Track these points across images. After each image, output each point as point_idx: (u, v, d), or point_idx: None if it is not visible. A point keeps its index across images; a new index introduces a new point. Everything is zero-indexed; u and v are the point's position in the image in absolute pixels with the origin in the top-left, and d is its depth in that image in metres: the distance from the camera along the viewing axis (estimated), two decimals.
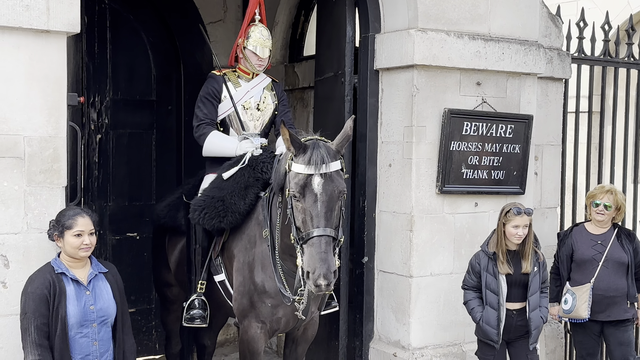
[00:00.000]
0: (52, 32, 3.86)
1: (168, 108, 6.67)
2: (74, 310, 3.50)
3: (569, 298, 5.04)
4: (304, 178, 3.68)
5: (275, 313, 4.25)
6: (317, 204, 3.63)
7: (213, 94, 4.74)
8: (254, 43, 4.76)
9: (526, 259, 4.55)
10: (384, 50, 5.12)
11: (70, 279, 3.55)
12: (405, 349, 5.07)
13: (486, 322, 4.55)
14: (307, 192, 3.66)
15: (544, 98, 5.79)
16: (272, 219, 4.22)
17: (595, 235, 5.10)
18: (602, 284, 4.96)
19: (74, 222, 3.58)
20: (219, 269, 4.55)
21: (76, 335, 3.51)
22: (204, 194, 4.53)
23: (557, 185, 6.03)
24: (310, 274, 3.55)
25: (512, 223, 4.51)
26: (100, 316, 3.58)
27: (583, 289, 4.98)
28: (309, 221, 3.62)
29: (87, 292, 3.57)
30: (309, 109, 6.69)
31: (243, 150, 4.62)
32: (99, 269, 3.69)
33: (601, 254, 5.01)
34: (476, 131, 5.10)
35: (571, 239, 5.15)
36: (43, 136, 3.86)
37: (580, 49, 6.23)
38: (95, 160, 6.37)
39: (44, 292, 3.46)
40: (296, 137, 3.79)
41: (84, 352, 3.53)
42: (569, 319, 5.15)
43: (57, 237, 3.61)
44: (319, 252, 3.54)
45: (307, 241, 3.59)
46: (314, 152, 3.70)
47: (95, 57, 6.27)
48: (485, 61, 5.11)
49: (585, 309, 4.95)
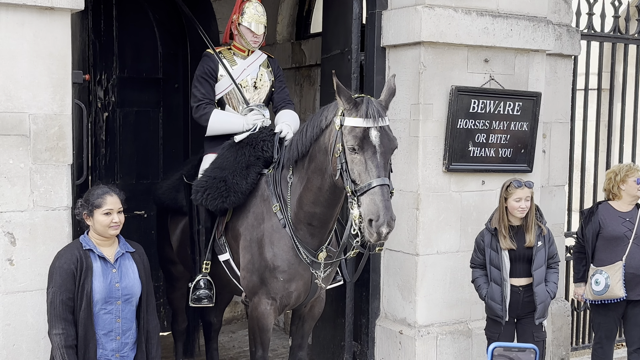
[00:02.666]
0: (56, 9, 3.84)
1: (175, 86, 6.66)
2: (99, 286, 3.54)
3: (600, 278, 4.92)
4: (362, 131, 3.70)
5: (287, 288, 4.27)
6: (377, 156, 3.68)
7: (209, 73, 4.70)
8: (248, 19, 4.71)
9: (529, 232, 4.54)
10: (391, 27, 5.07)
11: (98, 256, 3.59)
12: (411, 326, 5.08)
13: (491, 298, 4.56)
14: (365, 144, 3.68)
15: (552, 75, 5.73)
16: (282, 193, 4.23)
17: (624, 213, 5.01)
18: (633, 261, 4.86)
19: (103, 201, 3.61)
20: (223, 249, 4.56)
21: (100, 311, 3.55)
22: (205, 174, 4.52)
23: (565, 163, 5.99)
24: (373, 222, 3.57)
25: (514, 196, 4.50)
26: (125, 294, 3.62)
27: (615, 267, 4.87)
28: (368, 172, 3.65)
29: (113, 270, 3.61)
30: (315, 87, 6.66)
31: (251, 122, 4.61)
32: (127, 248, 3.73)
33: (631, 231, 4.92)
34: (484, 109, 5.06)
35: (598, 216, 5.04)
36: (48, 114, 3.87)
37: (590, 25, 6.17)
38: (102, 138, 6.38)
39: (70, 267, 3.49)
40: (347, 91, 3.81)
41: (107, 328, 3.58)
42: (599, 300, 5.00)
43: (86, 216, 3.63)
44: (383, 200, 3.58)
45: (367, 191, 3.62)
46: (369, 106, 3.73)
47: (101, 34, 6.25)
48: (493, 38, 5.06)
49: (620, 288, 4.84)
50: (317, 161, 4.02)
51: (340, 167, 3.75)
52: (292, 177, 4.22)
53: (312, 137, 4.04)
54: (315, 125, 4.03)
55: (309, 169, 4.09)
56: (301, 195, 4.15)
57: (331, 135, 3.89)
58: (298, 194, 4.18)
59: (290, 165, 4.25)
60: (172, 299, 5.57)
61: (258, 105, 4.75)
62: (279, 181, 4.31)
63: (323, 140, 3.97)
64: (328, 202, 4.08)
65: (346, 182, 3.73)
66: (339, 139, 3.78)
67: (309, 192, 4.10)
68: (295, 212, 4.18)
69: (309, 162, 4.09)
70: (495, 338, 4.65)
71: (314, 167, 4.05)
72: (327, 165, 3.93)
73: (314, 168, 4.05)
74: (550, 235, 4.67)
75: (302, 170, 4.17)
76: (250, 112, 4.68)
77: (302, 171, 4.17)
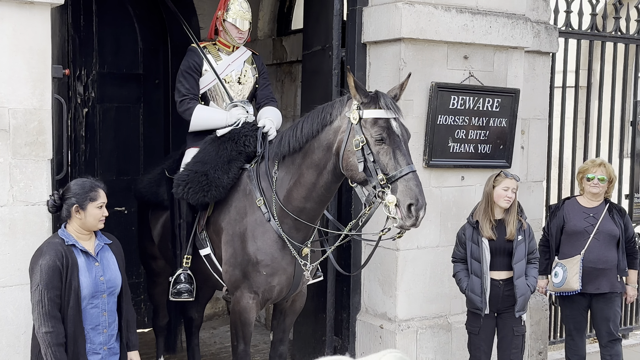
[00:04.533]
0: (36, 3, 3.83)
1: (155, 81, 6.64)
2: (86, 281, 3.53)
3: (559, 271, 5.04)
4: (385, 121, 3.82)
5: (269, 282, 4.28)
6: (402, 144, 3.83)
7: (194, 68, 4.70)
8: (233, 15, 4.72)
9: (510, 225, 4.60)
10: (372, 23, 5.10)
11: (80, 251, 3.57)
12: (392, 320, 5.12)
13: (471, 290, 4.62)
14: (390, 134, 3.81)
15: (531, 72, 5.79)
16: (265, 187, 4.26)
17: (588, 209, 5.12)
18: (592, 255, 4.98)
19: (97, 194, 3.61)
20: (204, 243, 4.56)
21: (87, 306, 3.55)
22: (187, 168, 4.51)
23: (543, 159, 6.06)
24: (413, 206, 3.68)
25: (502, 185, 4.59)
26: (110, 287, 3.63)
27: (573, 260, 4.99)
28: (398, 160, 3.77)
29: (96, 264, 3.60)
30: (297, 83, 6.68)
31: (235, 118, 4.62)
32: (104, 240, 3.73)
33: (593, 226, 5.02)
34: (463, 105, 5.11)
35: (563, 211, 5.16)
36: (28, 108, 3.84)
37: (568, 22, 6.23)
38: (82, 134, 6.35)
39: (56, 264, 3.45)
40: (362, 85, 3.90)
41: (94, 322, 3.58)
42: (559, 292, 5.15)
43: (77, 209, 3.58)
44: (417, 184, 3.73)
45: (400, 178, 3.73)
46: (386, 99, 3.87)
47: (81, 30, 6.21)
48: (472, 34, 5.10)
49: (576, 281, 4.96)
50: (313, 157, 4.06)
51: (364, 160, 3.80)
52: (277, 171, 4.24)
53: (310, 133, 4.06)
54: (316, 122, 4.05)
55: (303, 165, 4.11)
56: (290, 190, 4.17)
57: (339, 132, 3.94)
58: (286, 188, 4.19)
59: (276, 160, 4.25)
60: (153, 294, 5.56)
61: (242, 101, 4.76)
62: (262, 175, 4.32)
63: (325, 137, 4.01)
64: (320, 198, 4.14)
65: (373, 173, 3.77)
66: (357, 133, 3.83)
67: (300, 187, 4.12)
68: (281, 207, 4.20)
69: (303, 157, 4.11)
70: (476, 332, 4.71)
71: (310, 162, 4.07)
72: (327, 161, 4.00)
73: (309, 164, 4.08)
74: (530, 230, 4.74)
75: (291, 166, 4.18)
76: (234, 107, 4.68)
77: (291, 167, 4.18)
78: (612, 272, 5.04)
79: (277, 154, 4.25)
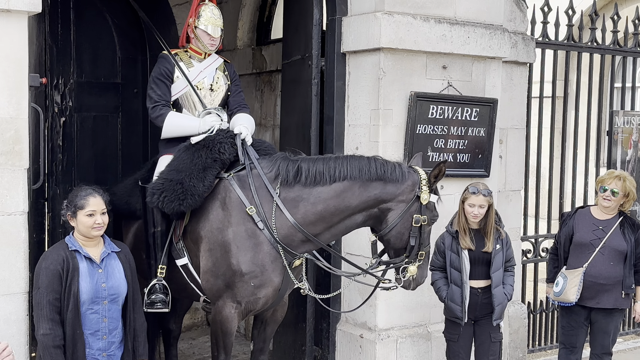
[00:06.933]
0: (12, 12, 3.79)
1: (134, 91, 6.60)
2: (86, 287, 3.57)
3: (560, 281, 4.95)
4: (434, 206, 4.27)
5: (256, 293, 4.24)
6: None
7: (165, 74, 4.67)
8: (205, 22, 4.70)
9: (488, 238, 4.61)
10: (351, 33, 5.12)
11: (84, 257, 3.63)
12: (372, 330, 5.12)
13: (451, 300, 4.63)
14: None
15: (508, 82, 5.84)
16: (261, 199, 4.23)
17: (599, 220, 4.95)
18: (594, 270, 4.83)
19: (86, 202, 3.64)
20: (181, 253, 4.50)
21: (87, 311, 3.59)
22: (161, 176, 4.45)
23: (521, 169, 6.11)
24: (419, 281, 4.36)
25: (468, 201, 4.59)
26: (111, 294, 3.65)
27: (575, 272, 4.88)
28: (427, 241, 4.27)
29: (99, 270, 3.64)
30: (276, 92, 6.68)
31: (208, 125, 4.56)
32: (112, 248, 3.76)
33: (600, 240, 4.86)
34: (442, 114, 5.14)
35: (573, 220, 5.02)
36: (4, 117, 3.80)
37: (545, 33, 6.31)
38: (60, 143, 6.29)
39: (57, 268, 3.52)
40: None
41: (94, 327, 3.61)
42: (558, 301, 5.05)
43: (70, 217, 3.66)
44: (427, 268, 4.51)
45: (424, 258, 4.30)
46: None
47: (58, 38, 6.17)
48: (451, 45, 5.14)
49: (573, 293, 4.85)
50: (348, 197, 4.15)
51: (418, 236, 4.18)
52: (281, 188, 4.20)
53: (350, 174, 4.14)
54: (365, 168, 4.16)
55: (330, 200, 4.16)
56: (306, 214, 4.18)
57: (397, 198, 4.15)
58: (302, 212, 4.18)
59: (284, 179, 4.21)
60: None
61: (216, 108, 4.73)
62: (257, 186, 4.26)
63: (375, 189, 4.14)
64: (340, 230, 4.31)
65: (416, 249, 4.20)
66: (422, 212, 4.17)
67: (320, 218, 4.19)
68: (291, 225, 4.16)
69: (333, 192, 4.15)
70: (455, 340, 4.72)
71: (342, 200, 4.16)
72: (365, 210, 4.19)
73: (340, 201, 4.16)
74: (507, 239, 4.75)
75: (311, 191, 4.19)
76: (207, 114, 4.65)
77: (304, 191, 4.19)
78: (616, 288, 4.86)
79: (283, 175, 4.21)
